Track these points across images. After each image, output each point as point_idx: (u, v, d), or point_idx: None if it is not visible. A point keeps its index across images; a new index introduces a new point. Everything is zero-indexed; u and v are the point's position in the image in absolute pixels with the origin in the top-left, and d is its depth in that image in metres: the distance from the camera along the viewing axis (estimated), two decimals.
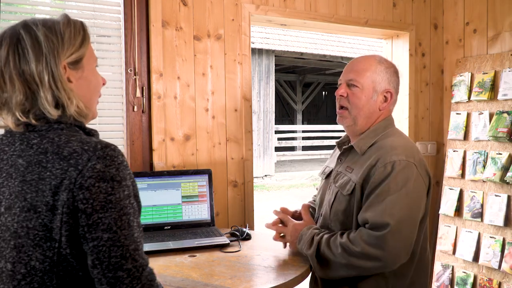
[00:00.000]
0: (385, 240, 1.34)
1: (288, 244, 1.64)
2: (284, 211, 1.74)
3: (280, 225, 1.65)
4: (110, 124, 2.07)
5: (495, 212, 2.41)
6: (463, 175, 2.64)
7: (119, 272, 0.85)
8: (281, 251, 1.66)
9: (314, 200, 1.85)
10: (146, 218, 1.89)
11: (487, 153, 2.51)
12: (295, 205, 1.83)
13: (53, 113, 0.90)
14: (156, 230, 1.88)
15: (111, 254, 0.85)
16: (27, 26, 0.92)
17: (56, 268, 0.86)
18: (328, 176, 1.69)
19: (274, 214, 1.71)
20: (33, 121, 0.90)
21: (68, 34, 0.94)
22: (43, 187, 0.85)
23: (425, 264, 1.56)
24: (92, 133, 0.98)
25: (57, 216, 0.84)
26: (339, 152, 1.66)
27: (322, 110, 20.58)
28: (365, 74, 1.54)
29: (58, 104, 0.92)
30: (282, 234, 1.64)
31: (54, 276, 0.86)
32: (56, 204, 0.84)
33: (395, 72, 1.60)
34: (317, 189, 1.82)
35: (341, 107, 1.59)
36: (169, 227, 1.93)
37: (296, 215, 1.75)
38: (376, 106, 1.56)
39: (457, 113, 2.71)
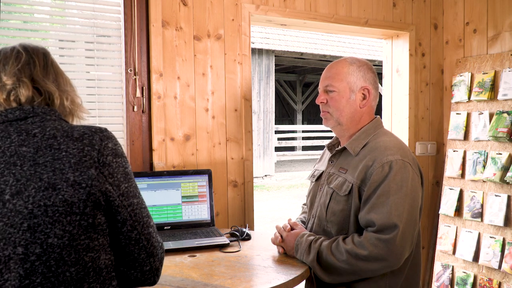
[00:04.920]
0: (393, 242, 1.38)
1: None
2: (290, 223, 1.71)
3: (279, 238, 1.65)
4: (110, 124, 2.07)
5: (495, 212, 2.41)
6: (463, 175, 2.64)
7: (149, 229, 1.02)
8: None
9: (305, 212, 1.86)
10: None
11: (487, 153, 2.51)
12: (295, 205, 1.84)
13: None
14: None
15: (143, 214, 1.01)
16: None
17: (74, 242, 0.91)
18: (318, 178, 1.71)
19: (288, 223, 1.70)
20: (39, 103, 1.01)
21: None
22: (61, 165, 0.92)
23: (418, 260, 1.59)
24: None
25: (79, 191, 0.91)
26: (330, 154, 1.69)
27: None
28: (339, 77, 1.59)
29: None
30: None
31: (72, 251, 0.91)
32: (77, 180, 0.92)
33: (369, 68, 1.63)
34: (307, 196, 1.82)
35: (324, 111, 1.65)
36: (169, 227, 1.93)
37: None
38: (356, 105, 1.60)
39: (457, 113, 2.71)
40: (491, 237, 2.43)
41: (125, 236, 0.98)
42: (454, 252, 2.62)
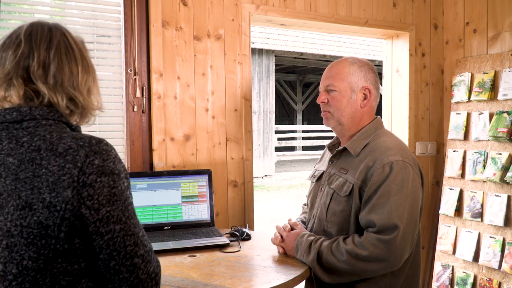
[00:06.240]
0: (394, 242, 1.38)
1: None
2: (290, 223, 1.71)
3: (279, 238, 1.65)
4: (110, 124, 2.07)
5: (495, 212, 2.41)
6: (463, 175, 2.64)
7: (135, 259, 0.90)
8: None
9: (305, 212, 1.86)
10: (146, 218, 1.89)
11: (487, 153, 2.51)
12: (295, 205, 1.84)
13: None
14: (156, 230, 1.88)
15: (126, 243, 0.89)
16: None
17: (50, 266, 0.86)
18: (318, 179, 1.71)
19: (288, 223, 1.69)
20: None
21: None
22: (39, 184, 0.85)
23: (418, 260, 1.59)
24: (78, 129, 1.00)
25: (54, 213, 0.84)
26: (331, 155, 1.69)
27: None
28: (340, 77, 1.59)
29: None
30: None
31: (47, 274, 0.86)
32: (53, 201, 0.84)
33: (370, 68, 1.63)
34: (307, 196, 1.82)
35: (324, 111, 1.64)
36: (169, 227, 1.93)
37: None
38: (357, 104, 1.60)
39: (457, 113, 2.71)
40: (491, 237, 2.43)
41: (103, 264, 0.90)
42: (454, 252, 2.62)
